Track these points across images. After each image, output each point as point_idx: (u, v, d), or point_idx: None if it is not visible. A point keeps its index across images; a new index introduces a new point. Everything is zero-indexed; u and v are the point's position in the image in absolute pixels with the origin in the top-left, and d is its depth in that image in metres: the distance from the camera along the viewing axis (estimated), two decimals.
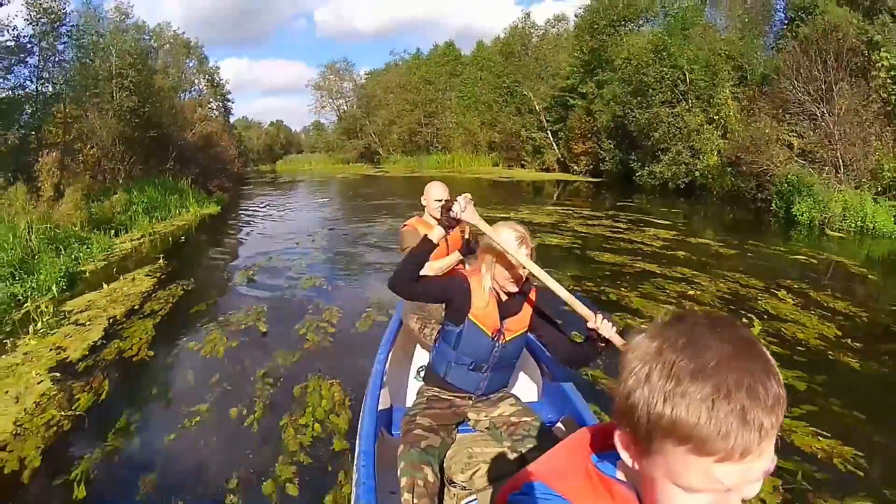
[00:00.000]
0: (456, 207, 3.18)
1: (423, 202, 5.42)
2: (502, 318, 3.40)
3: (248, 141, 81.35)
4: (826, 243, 16.84)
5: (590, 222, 19.23)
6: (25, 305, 9.48)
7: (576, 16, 49.07)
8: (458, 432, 3.54)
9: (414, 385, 4.51)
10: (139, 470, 4.92)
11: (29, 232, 12.78)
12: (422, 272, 4.08)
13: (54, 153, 19.22)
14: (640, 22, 40.45)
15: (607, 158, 39.24)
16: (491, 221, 3.28)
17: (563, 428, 3.78)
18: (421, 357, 4.96)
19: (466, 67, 66.96)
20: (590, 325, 3.11)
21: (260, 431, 5.61)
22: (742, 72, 27.98)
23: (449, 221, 3.22)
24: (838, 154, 20.52)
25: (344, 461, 4.77)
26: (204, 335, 8.34)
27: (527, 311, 3.48)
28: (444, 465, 3.26)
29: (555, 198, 29.45)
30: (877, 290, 11.98)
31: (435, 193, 5.28)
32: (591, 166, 42.21)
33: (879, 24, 20.53)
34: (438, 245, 3.30)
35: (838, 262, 14.11)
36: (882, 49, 19.82)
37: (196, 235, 18.39)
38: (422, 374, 4.15)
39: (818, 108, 21.77)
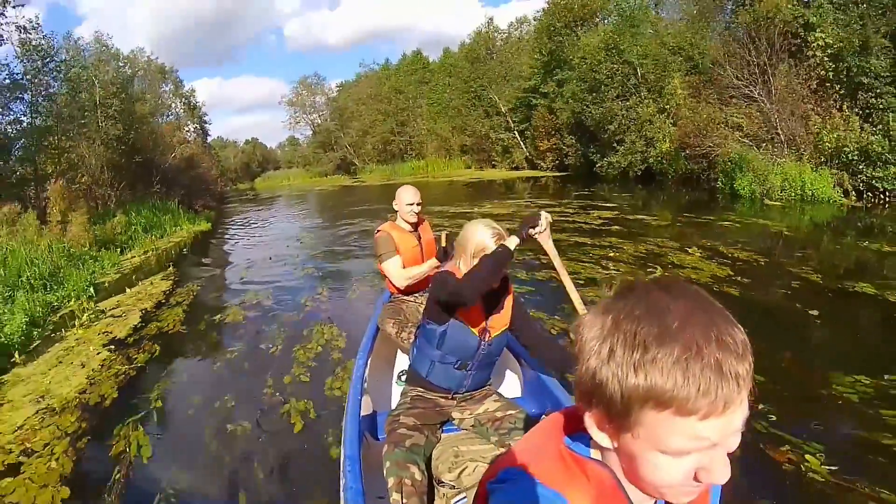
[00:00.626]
0: (541, 225, 3.36)
1: (395, 206, 5.52)
2: (487, 316, 3.46)
3: (224, 160, 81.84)
4: (762, 212, 18.72)
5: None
6: (61, 310, 11.15)
7: (534, 19, 51.35)
8: (443, 432, 3.56)
9: (395, 389, 4.62)
10: (189, 394, 6.95)
11: (49, 252, 14.40)
12: (403, 282, 4.94)
13: (60, 182, 20.49)
14: (596, 21, 41.71)
15: (570, 153, 41.40)
16: (466, 218, 4.46)
17: None
18: (401, 362, 5.14)
19: (435, 75, 68.30)
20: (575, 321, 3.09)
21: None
22: (693, 61, 29.24)
23: (527, 237, 3.35)
24: (779, 131, 22.39)
25: (330, 468, 4.71)
26: (222, 313, 10.35)
27: (507, 307, 3.55)
28: (431, 465, 3.29)
29: (522, 193, 31.11)
30: (785, 242, 13.82)
31: (406, 198, 5.38)
32: (557, 162, 44.11)
33: (815, 6, 21.81)
34: (513, 255, 3.29)
35: (761, 224, 16.24)
36: (818, 29, 21.23)
37: (195, 248, 19.93)
38: (403, 378, 4.31)
39: (754, 91, 23.63)
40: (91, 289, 12.51)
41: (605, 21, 40.90)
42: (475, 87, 58.65)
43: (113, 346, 8.69)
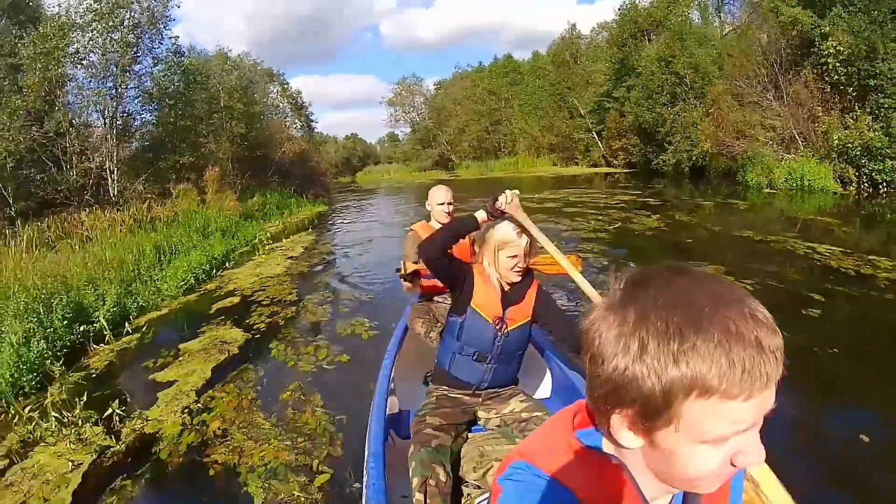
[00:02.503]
0: (502, 199, 3.32)
1: (427, 206, 5.54)
2: (504, 307, 3.45)
3: (325, 155, 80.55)
4: (756, 197, 23.39)
5: (588, 193, 27.91)
6: (242, 248, 16.88)
7: (604, 29, 57.09)
8: (469, 432, 3.52)
9: (421, 389, 4.11)
10: (337, 287, 11.70)
11: (220, 216, 20.32)
12: (413, 256, 5.07)
13: (216, 169, 26.58)
14: (660, 31, 45.08)
15: (634, 152, 46.10)
16: (551, 202, 6.60)
17: None
18: (428, 362, 4.45)
19: (525, 77, 72.26)
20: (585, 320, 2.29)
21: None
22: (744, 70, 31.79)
23: (494, 211, 3.36)
24: (792, 130, 26.30)
25: (354, 464, 4.67)
26: (346, 250, 16.15)
27: (529, 300, 3.53)
28: (457, 465, 3.26)
29: (597, 185, 36.12)
30: (742, 216, 18.76)
31: (438, 197, 5.39)
32: (626, 160, 48.73)
33: (833, 15, 23.99)
34: (483, 225, 3.42)
35: (734, 203, 21.64)
36: (830, 38, 23.79)
37: (320, 221, 25.23)
38: (429, 378, 3.97)
39: (765, 97, 27.89)
40: (253, 241, 17.96)
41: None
42: (560, 90, 63.14)
43: (289, 260, 14.57)
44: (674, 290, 0.96)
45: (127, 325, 9.20)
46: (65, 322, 8.31)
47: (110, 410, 5.82)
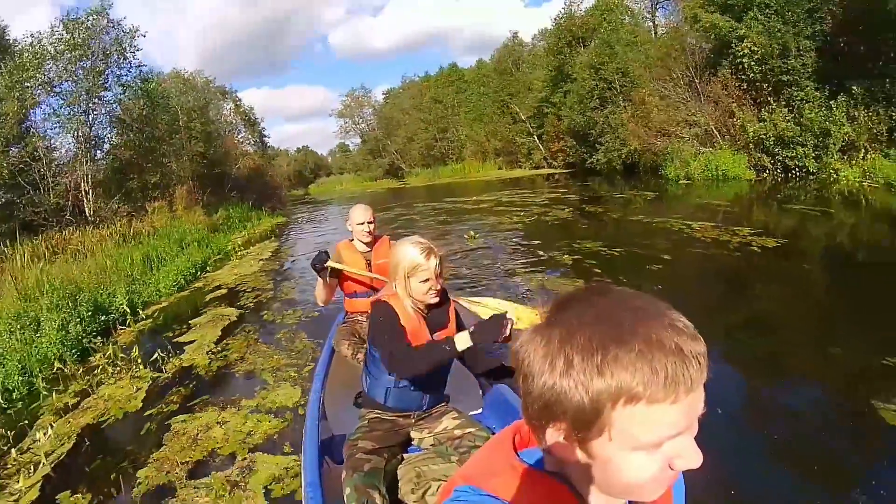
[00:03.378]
0: (505, 331, 2.96)
1: (349, 226, 5.54)
2: (432, 332, 3.42)
3: (278, 168, 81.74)
4: (674, 188, 26.50)
5: (521, 193, 29.79)
6: (216, 256, 18.95)
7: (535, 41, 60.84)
8: (404, 453, 3.52)
9: (353, 411, 3.93)
10: (302, 276, 13.15)
11: (192, 229, 22.47)
12: (319, 300, 5.51)
13: (184, 187, 29.04)
14: (594, 39, 47.21)
15: (571, 153, 48.83)
16: (498, 202, 9.05)
17: None
18: (358, 383, 4.35)
19: (470, 85, 74.68)
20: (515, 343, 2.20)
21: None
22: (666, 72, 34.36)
23: (499, 343, 3.04)
24: (710, 126, 29.16)
25: (291, 496, 4.66)
26: (305, 251, 18.25)
27: (452, 319, 3.55)
28: (394, 487, 3.26)
29: (539, 186, 38.58)
30: (655, 205, 21.56)
31: (357, 217, 5.42)
32: (565, 161, 51.36)
33: (749, 18, 26.12)
34: (458, 355, 3.17)
35: (646, 195, 24.77)
36: (746, 39, 26.05)
37: (280, 231, 27.28)
38: (359, 400, 3.88)
39: (684, 95, 30.78)
40: (224, 251, 20.17)
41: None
42: (503, 97, 65.63)
43: (261, 262, 16.90)
44: (597, 309, 1.01)
45: (139, 313, 11.43)
46: (90, 312, 10.52)
47: (154, 356, 8.28)
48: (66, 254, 16.43)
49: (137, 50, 28.79)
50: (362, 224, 5.37)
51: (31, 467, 5.58)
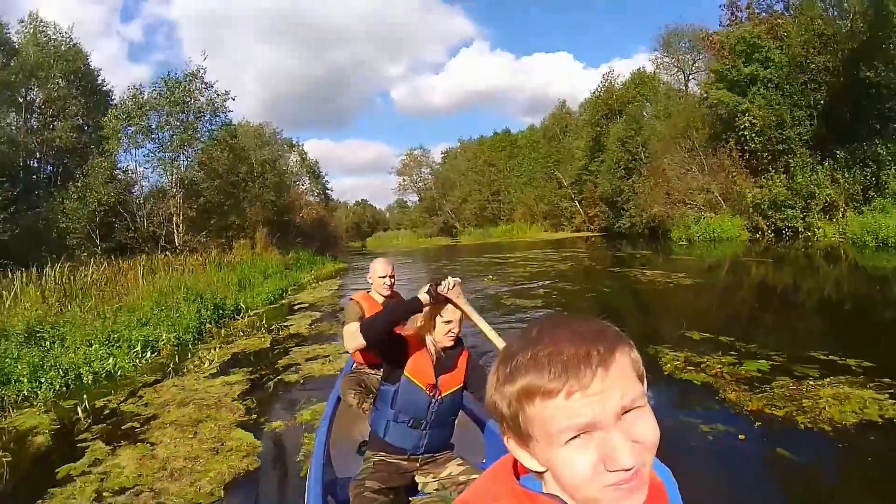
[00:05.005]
0: (444, 284, 3.30)
1: (369, 279, 5.63)
2: (437, 373, 3.51)
3: (337, 219, 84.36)
4: (677, 249, 29.49)
5: (558, 254, 35.39)
6: (293, 287, 23.36)
7: (582, 109, 64.41)
8: (408, 497, 3.62)
9: (356, 459, 4.26)
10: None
11: (271, 265, 27.23)
12: (349, 344, 4.41)
13: (264, 229, 34.36)
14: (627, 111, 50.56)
15: (604, 217, 52.61)
16: (536, 259, 13.38)
17: None
18: (361, 432, 4.94)
19: (521, 149, 78.72)
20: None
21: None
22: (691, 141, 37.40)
23: (437, 295, 3.30)
24: (716, 195, 32.71)
25: None
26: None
27: (461, 368, 3.61)
28: None
29: (575, 246, 42.77)
30: (653, 261, 25.20)
31: (378, 271, 5.50)
32: (599, 225, 55.02)
33: (752, 93, 29.29)
34: (424, 308, 3.36)
35: (646, 254, 28.56)
36: (748, 113, 29.18)
37: (341, 274, 31.38)
38: (363, 448, 4.12)
39: (689, 167, 34.52)
40: (299, 282, 24.66)
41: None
42: (550, 163, 69.47)
43: (330, 291, 21.20)
44: (526, 331, 1.07)
45: (246, 313, 15.90)
46: (212, 307, 14.98)
47: (271, 327, 12.97)
48: (171, 271, 20.53)
49: (229, 111, 34.45)
50: (384, 277, 5.48)
51: (206, 364, 9.94)
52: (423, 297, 3.29)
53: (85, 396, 7.83)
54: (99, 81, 35.71)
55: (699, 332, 9.53)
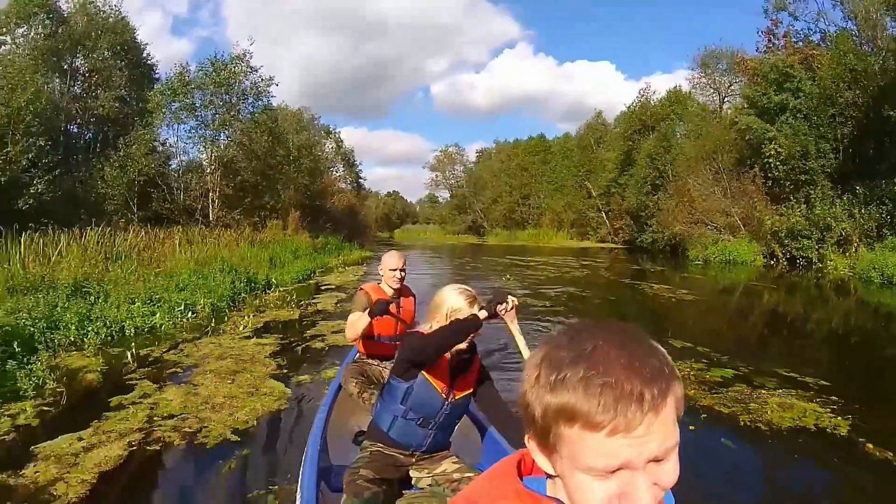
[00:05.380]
0: (503, 306, 3.39)
1: (380, 271, 5.66)
2: (453, 377, 3.49)
3: (367, 209, 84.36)
4: (693, 268, 30.46)
5: (577, 262, 37.18)
6: (320, 269, 24.49)
7: (616, 122, 65.08)
8: (401, 490, 3.59)
9: (352, 447, 4.40)
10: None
11: (301, 247, 28.43)
12: (350, 333, 5.24)
13: (296, 213, 35.59)
14: (659, 128, 52.29)
15: (628, 231, 53.32)
16: (560, 265, 15.37)
17: None
18: (359, 421, 4.98)
19: (555, 156, 79.28)
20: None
21: None
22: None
23: (494, 313, 3.36)
24: (735, 217, 33.33)
25: None
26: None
27: (473, 373, 3.61)
28: None
29: (596, 256, 43.47)
30: (654, 276, 26.25)
31: (390, 263, 5.48)
32: (623, 238, 55.59)
33: (780, 122, 29.72)
34: (481, 324, 3.33)
35: (660, 269, 29.44)
36: (774, 141, 29.54)
37: (365, 262, 31.53)
38: (360, 438, 4.18)
39: (713, 189, 35.10)
40: (326, 265, 25.83)
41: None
42: (581, 173, 70.29)
43: (358, 276, 22.15)
44: (575, 334, 1.04)
45: (277, 288, 17.24)
46: (245, 279, 16.30)
47: (299, 302, 14.12)
48: (206, 244, 21.63)
49: (272, 96, 36.10)
50: (394, 270, 5.47)
51: (240, 328, 11.10)
52: (482, 314, 3.34)
53: (132, 345, 8.98)
54: (144, 55, 36.86)
55: (681, 342, 10.47)
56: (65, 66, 31.61)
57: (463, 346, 3.36)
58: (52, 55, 30.33)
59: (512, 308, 3.41)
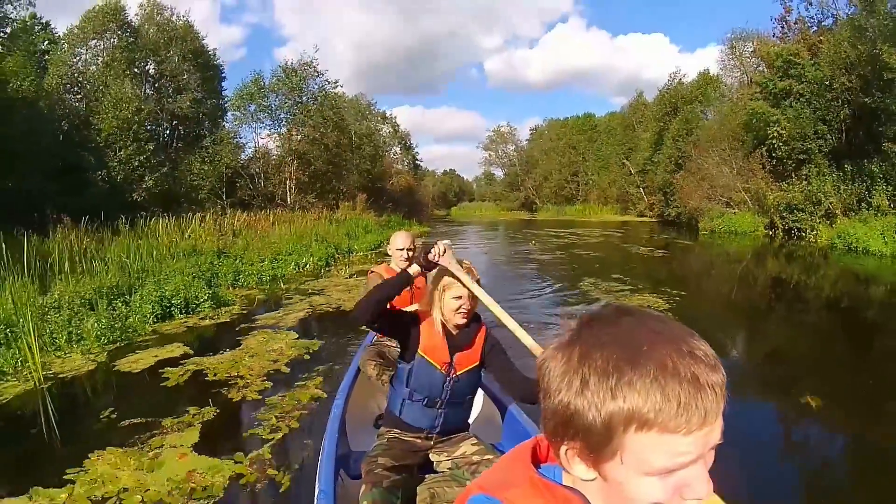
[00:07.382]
0: (434, 250, 3.30)
1: (388, 251, 5.65)
2: (452, 352, 3.45)
3: (424, 188, 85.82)
4: (704, 238, 34.68)
5: (600, 233, 41.16)
6: (387, 241, 28.48)
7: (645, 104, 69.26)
8: (421, 474, 3.53)
9: (372, 432, 4.00)
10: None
11: (370, 224, 33.76)
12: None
13: (363, 195, 40.53)
14: (693, 106, 54.78)
15: (658, 206, 56.75)
16: (594, 235, 19.00)
17: None
18: (379, 405, 4.93)
19: (601, 134, 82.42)
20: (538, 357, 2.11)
21: None
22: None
23: (427, 263, 3.33)
24: (742, 193, 36.66)
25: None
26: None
27: (478, 346, 3.54)
28: None
29: (633, 228, 47.21)
30: (652, 242, 30.93)
31: (398, 243, 5.45)
32: (655, 212, 58.64)
33: (784, 106, 31.31)
34: (414, 281, 3.43)
35: (668, 237, 34.33)
36: (776, 124, 31.74)
37: (426, 234, 36.40)
38: (379, 423, 3.97)
39: (722, 169, 38.37)
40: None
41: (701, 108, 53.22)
42: (624, 150, 73.88)
43: (378, 259, 27.08)
44: (617, 330, 0.99)
45: (356, 254, 22.62)
46: (332, 247, 21.74)
47: (379, 261, 19.99)
48: (292, 223, 26.44)
49: (338, 96, 42.24)
50: (402, 250, 5.40)
51: (341, 274, 16.73)
52: (413, 268, 3.38)
53: (279, 281, 15.08)
54: (212, 59, 41.21)
55: (629, 280, 15.92)
56: (137, 71, 35.62)
57: (460, 320, 3.40)
58: (125, 63, 34.06)
59: (445, 252, 3.35)
